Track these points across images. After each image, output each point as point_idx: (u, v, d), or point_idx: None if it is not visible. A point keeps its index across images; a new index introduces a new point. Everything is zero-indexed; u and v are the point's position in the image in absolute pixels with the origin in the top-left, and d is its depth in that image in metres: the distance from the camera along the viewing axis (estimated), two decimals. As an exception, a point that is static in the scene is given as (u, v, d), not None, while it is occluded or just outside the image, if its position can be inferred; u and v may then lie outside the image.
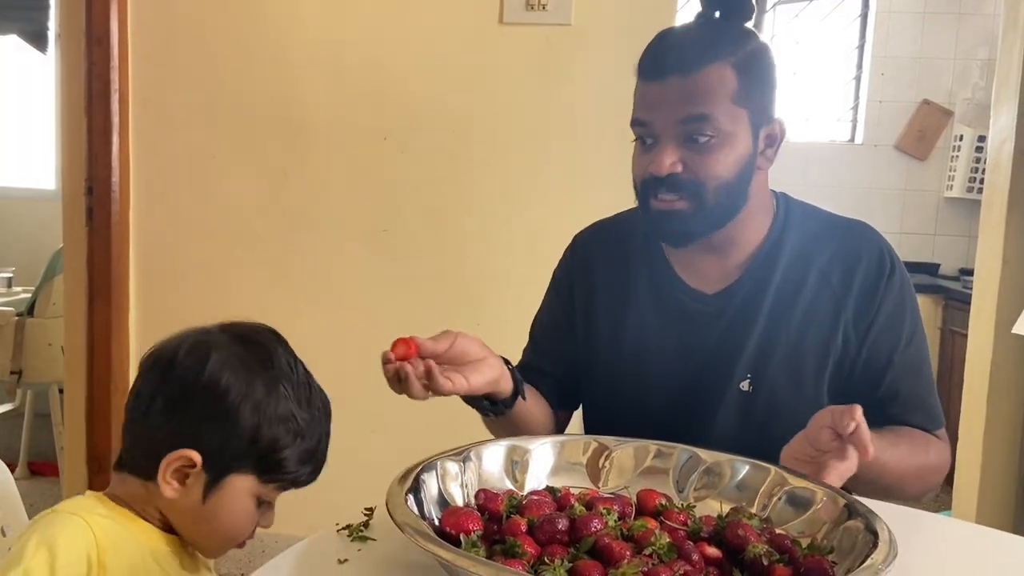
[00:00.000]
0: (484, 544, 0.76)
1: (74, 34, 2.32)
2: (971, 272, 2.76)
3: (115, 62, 2.31)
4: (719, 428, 1.13)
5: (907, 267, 1.17)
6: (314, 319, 2.37)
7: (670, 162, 1.06)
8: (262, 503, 0.95)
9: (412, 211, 2.34)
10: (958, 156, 3.89)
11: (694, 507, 0.88)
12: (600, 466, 0.96)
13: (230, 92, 2.36)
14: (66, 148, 2.39)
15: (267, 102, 2.35)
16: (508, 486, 0.91)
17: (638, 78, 1.10)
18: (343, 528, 0.89)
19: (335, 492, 1.32)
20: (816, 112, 4.14)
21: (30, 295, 3.15)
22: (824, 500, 0.84)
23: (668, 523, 0.82)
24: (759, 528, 0.81)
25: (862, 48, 4.11)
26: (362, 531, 0.88)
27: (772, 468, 0.91)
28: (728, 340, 1.14)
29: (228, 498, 0.92)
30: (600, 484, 0.95)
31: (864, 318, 1.12)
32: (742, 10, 1.10)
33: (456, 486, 0.87)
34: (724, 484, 0.92)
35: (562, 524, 0.77)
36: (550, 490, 0.88)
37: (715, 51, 1.05)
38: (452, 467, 0.87)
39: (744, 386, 1.13)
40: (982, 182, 2.93)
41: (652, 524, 0.81)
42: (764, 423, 1.11)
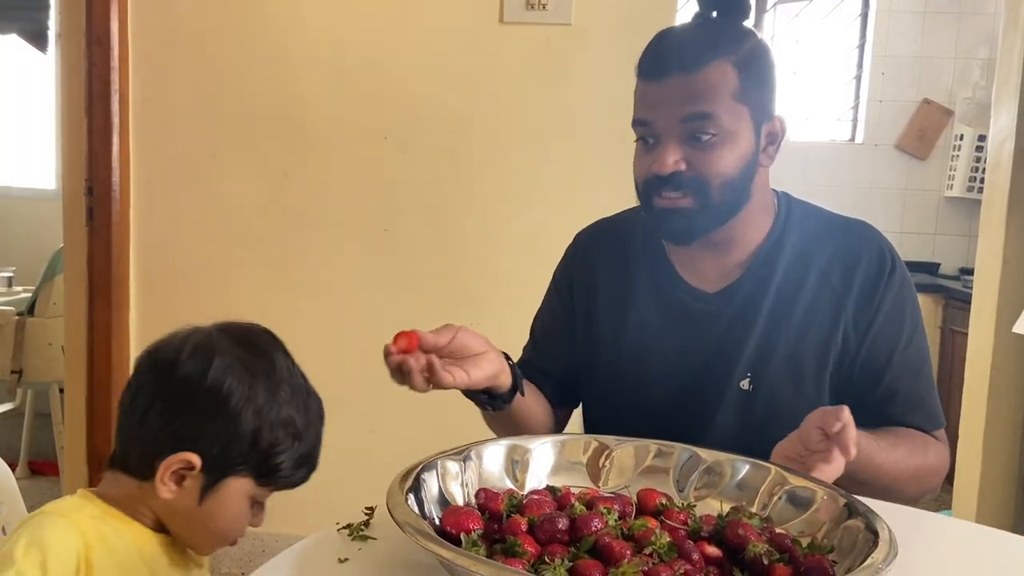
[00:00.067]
0: (484, 543, 0.76)
1: (74, 34, 2.32)
2: (971, 271, 2.76)
3: (115, 62, 2.31)
4: (719, 427, 1.13)
5: (907, 266, 1.17)
6: (314, 319, 2.38)
7: (673, 160, 1.06)
8: (255, 503, 0.96)
9: (412, 211, 2.34)
10: (958, 155, 3.89)
11: (694, 506, 0.88)
12: (600, 465, 0.96)
13: (230, 92, 2.36)
14: (66, 148, 2.39)
15: (267, 102, 2.35)
16: (508, 485, 0.91)
17: (638, 78, 1.10)
18: (344, 527, 0.89)
19: (335, 492, 1.33)
20: (816, 111, 4.14)
21: (30, 295, 3.15)
22: (824, 499, 0.84)
23: (668, 522, 0.82)
24: (759, 527, 0.81)
25: (862, 47, 4.10)
26: (362, 530, 0.88)
27: (772, 467, 0.91)
28: (728, 339, 1.14)
29: (224, 500, 0.92)
30: (600, 483, 0.95)
31: (864, 317, 1.12)
32: (739, 8, 1.10)
33: (456, 485, 0.87)
34: (724, 483, 0.92)
35: (562, 523, 0.77)
36: (550, 489, 0.88)
37: (716, 49, 1.05)
38: (452, 466, 0.87)
39: (744, 385, 1.13)
40: (982, 181, 2.93)
41: (652, 523, 0.81)
42: (764, 422, 1.11)
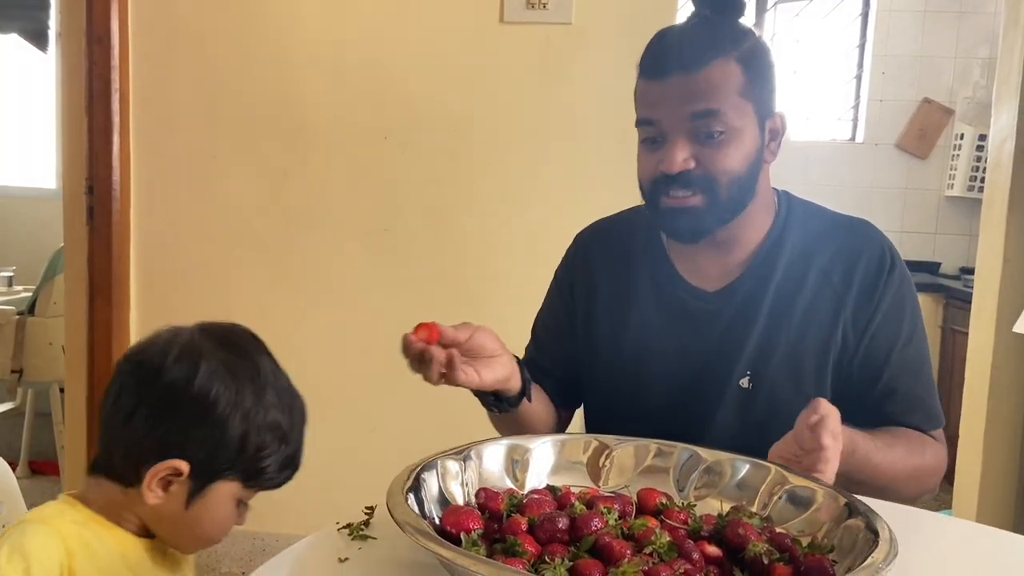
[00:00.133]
0: (484, 543, 0.76)
1: (75, 33, 2.32)
2: (972, 271, 2.76)
3: (116, 61, 2.31)
4: (719, 426, 1.13)
5: (908, 266, 1.17)
6: (314, 319, 2.38)
7: (682, 158, 1.06)
8: (240, 504, 0.95)
9: (412, 211, 2.34)
10: (959, 155, 3.88)
11: (694, 506, 0.88)
12: (600, 465, 0.96)
13: (230, 92, 2.36)
14: (67, 147, 2.40)
15: (267, 102, 2.35)
16: (508, 485, 0.91)
17: (641, 77, 1.10)
18: (344, 527, 0.89)
19: (335, 491, 1.33)
20: (817, 111, 4.14)
21: (31, 294, 3.15)
22: (824, 499, 0.84)
23: (668, 522, 0.82)
24: (759, 527, 0.81)
25: (863, 47, 4.10)
26: (363, 530, 0.88)
27: (772, 467, 0.91)
28: (728, 338, 1.14)
29: (211, 503, 0.92)
30: (600, 483, 0.95)
31: (863, 314, 1.12)
32: (735, 6, 1.10)
33: (457, 485, 0.87)
34: (724, 483, 0.92)
35: (562, 523, 0.77)
36: (551, 489, 0.88)
37: (719, 47, 1.05)
38: (453, 466, 0.87)
39: (744, 383, 1.13)
40: (983, 181, 2.93)
41: (652, 523, 0.81)
42: (764, 421, 1.11)
